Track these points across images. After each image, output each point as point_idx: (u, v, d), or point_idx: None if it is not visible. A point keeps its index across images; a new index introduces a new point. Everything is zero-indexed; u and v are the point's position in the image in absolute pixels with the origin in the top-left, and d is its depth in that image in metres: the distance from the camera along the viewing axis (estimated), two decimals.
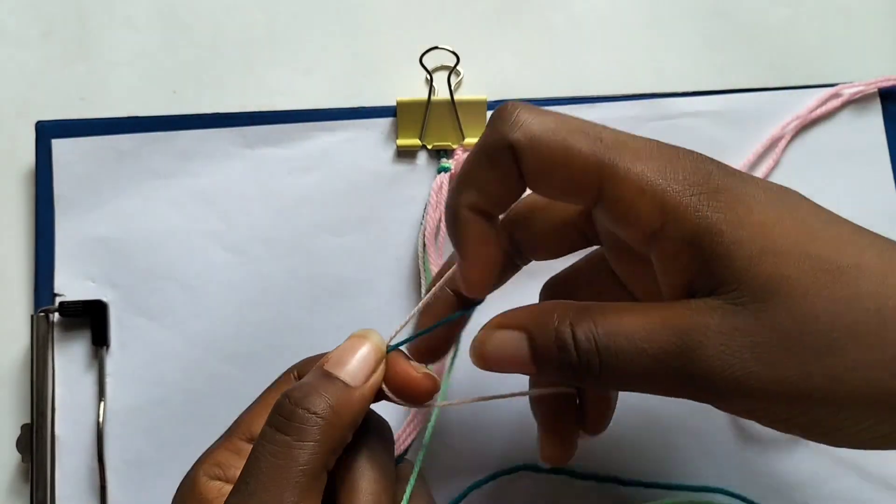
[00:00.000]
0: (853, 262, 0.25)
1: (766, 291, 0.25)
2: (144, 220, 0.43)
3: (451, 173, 0.42)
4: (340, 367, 0.29)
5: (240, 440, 0.31)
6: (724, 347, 0.25)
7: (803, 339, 0.24)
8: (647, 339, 0.25)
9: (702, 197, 0.26)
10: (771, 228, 0.25)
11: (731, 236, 0.25)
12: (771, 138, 0.43)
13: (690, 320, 0.25)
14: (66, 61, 0.45)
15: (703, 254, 0.25)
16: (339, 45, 0.46)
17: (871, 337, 0.24)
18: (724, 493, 0.40)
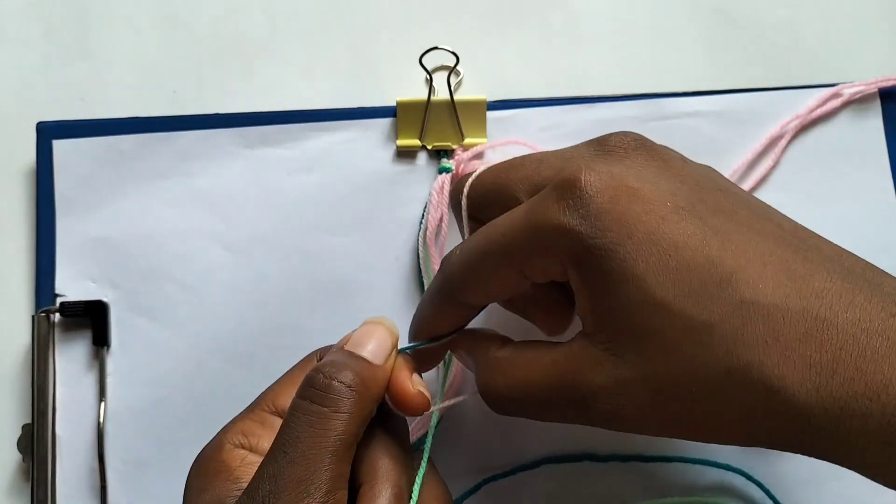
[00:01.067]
0: (708, 321, 0.26)
1: (638, 344, 0.27)
2: (145, 221, 0.43)
3: (453, 174, 0.42)
4: (362, 347, 0.31)
5: (264, 412, 0.32)
6: (609, 402, 0.28)
7: (669, 389, 0.27)
8: (552, 397, 0.30)
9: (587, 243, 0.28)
10: (643, 276, 0.27)
11: (608, 286, 0.28)
12: (770, 137, 0.43)
13: (580, 380, 0.29)
14: (66, 61, 0.45)
15: (593, 299, 0.29)
16: (339, 45, 0.46)
17: (722, 391, 0.27)
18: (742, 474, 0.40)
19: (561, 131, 0.43)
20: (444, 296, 0.33)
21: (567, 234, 0.28)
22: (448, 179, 0.42)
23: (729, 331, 0.26)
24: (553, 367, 0.30)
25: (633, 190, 0.28)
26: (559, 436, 0.41)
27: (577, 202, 0.28)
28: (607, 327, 0.28)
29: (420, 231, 0.42)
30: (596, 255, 0.28)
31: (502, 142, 0.43)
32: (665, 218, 0.28)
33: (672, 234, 0.28)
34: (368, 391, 0.30)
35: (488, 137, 0.43)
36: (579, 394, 0.29)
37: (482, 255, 0.31)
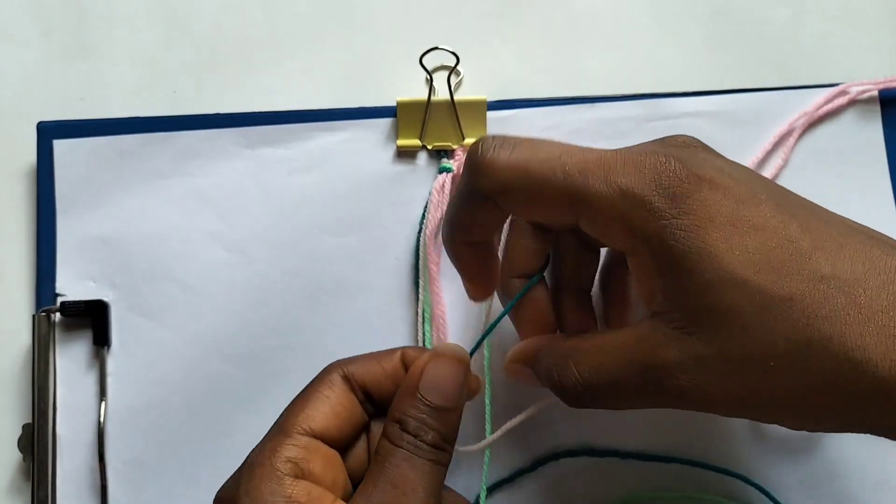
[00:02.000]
0: (788, 295, 0.27)
1: (714, 321, 0.28)
2: (145, 220, 0.43)
3: (454, 174, 0.42)
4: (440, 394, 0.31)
5: (301, 435, 0.31)
6: (683, 379, 0.28)
7: (746, 365, 0.27)
8: (621, 378, 0.30)
9: (664, 222, 0.28)
10: (723, 255, 0.27)
11: (687, 264, 0.28)
12: (779, 135, 0.43)
13: (653, 357, 0.29)
14: (66, 61, 0.46)
15: (665, 278, 0.29)
16: (339, 45, 0.46)
17: (801, 363, 0.27)
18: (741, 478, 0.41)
19: (561, 131, 0.43)
20: (482, 196, 0.31)
21: (652, 211, 0.28)
22: (448, 179, 0.42)
23: (809, 304, 0.27)
24: (624, 348, 0.30)
25: (713, 180, 0.29)
26: (559, 432, 0.41)
27: (665, 182, 0.28)
28: (681, 306, 0.28)
29: (422, 231, 0.42)
30: (677, 236, 0.28)
31: None
32: (744, 202, 0.28)
33: (751, 217, 0.28)
34: (452, 437, 0.31)
35: None
36: (654, 373, 0.29)
37: (545, 178, 0.30)
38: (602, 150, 0.30)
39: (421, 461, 0.30)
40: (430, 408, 0.30)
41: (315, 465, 0.30)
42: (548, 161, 0.30)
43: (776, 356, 0.27)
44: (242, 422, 0.41)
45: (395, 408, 0.31)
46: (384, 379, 0.33)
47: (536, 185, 0.30)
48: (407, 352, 0.34)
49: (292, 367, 0.42)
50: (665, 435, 0.41)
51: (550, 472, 0.41)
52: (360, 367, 0.33)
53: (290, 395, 0.41)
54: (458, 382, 0.31)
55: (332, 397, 0.32)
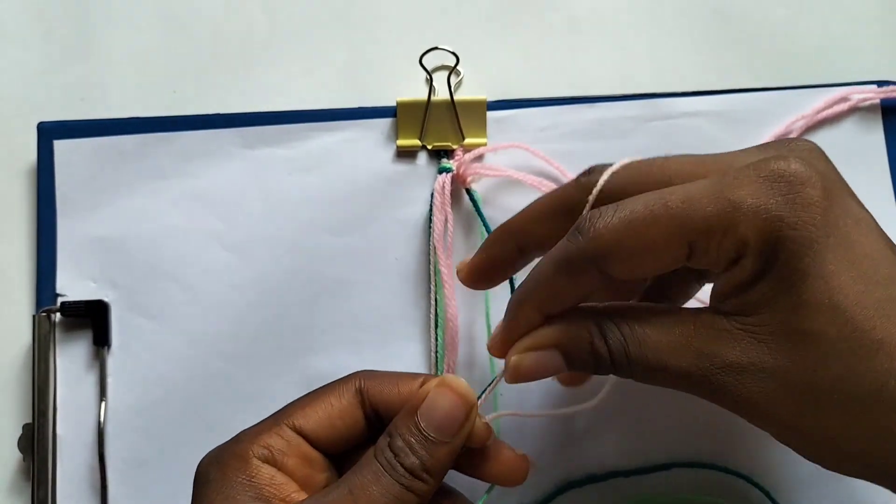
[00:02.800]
0: (878, 337, 0.26)
1: (795, 340, 0.27)
2: (145, 221, 0.43)
3: (453, 174, 0.42)
4: (437, 427, 0.30)
5: (289, 429, 0.31)
6: (738, 380, 0.27)
7: (808, 393, 0.27)
8: (671, 356, 0.28)
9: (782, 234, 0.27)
10: (830, 279, 0.26)
11: (794, 278, 0.27)
12: (775, 137, 0.43)
13: (711, 347, 0.28)
14: (66, 61, 0.46)
15: (763, 282, 0.27)
16: (339, 45, 0.46)
17: (866, 407, 0.26)
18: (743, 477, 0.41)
19: (561, 131, 0.43)
20: (580, 263, 0.29)
21: (767, 216, 0.27)
22: (448, 179, 0.42)
23: (893, 350, 0.26)
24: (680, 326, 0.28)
25: (835, 189, 0.27)
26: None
27: (787, 187, 0.27)
28: (761, 313, 0.27)
29: (430, 234, 0.42)
30: (790, 246, 0.27)
31: (504, 145, 0.43)
32: (860, 222, 0.27)
33: (866, 243, 0.27)
34: (441, 472, 0.30)
35: (488, 137, 0.43)
36: (708, 363, 0.28)
37: (653, 222, 0.28)
38: (711, 178, 0.28)
39: (389, 481, 0.29)
40: (422, 434, 0.30)
41: (290, 460, 0.31)
42: (648, 205, 0.28)
43: (843, 392, 0.26)
44: (242, 422, 0.41)
45: (393, 422, 0.31)
46: (397, 403, 0.32)
47: (642, 234, 0.28)
48: (429, 379, 0.32)
49: (292, 367, 0.42)
50: (665, 442, 0.41)
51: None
52: (378, 384, 0.33)
53: (290, 394, 0.41)
54: (455, 418, 0.30)
55: (336, 406, 0.32)
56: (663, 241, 0.28)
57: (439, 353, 0.41)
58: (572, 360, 0.30)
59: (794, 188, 0.27)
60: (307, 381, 0.42)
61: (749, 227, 0.27)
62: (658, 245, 0.28)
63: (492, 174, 0.42)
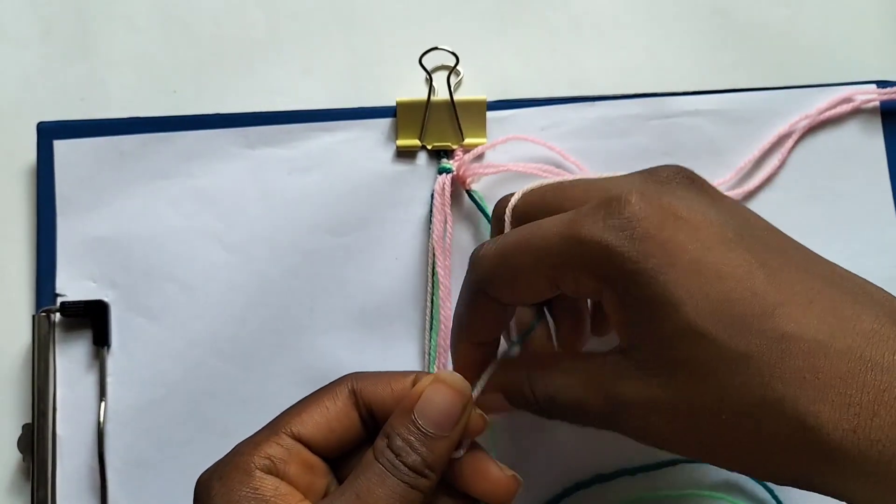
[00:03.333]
0: (745, 351, 0.26)
1: (671, 369, 0.28)
2: (145, 221, 0.43)
3: (453, 174, 0.42)
4: (433, 422, 0.31)
5: (288, 437, 0.31)
6: (639, 416, 0.29)
7: (699, 415, 0.27)
8: (585, 401, 0.30)
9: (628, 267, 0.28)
10: (683, 303, 0.27)
11: (648, 311, 0.28)
12: (778, 136, 0.43)
13: (615, 388, 0.29)
14: (66, 61, 0.46)
15: (628, 321, 0.29)
16: (339, 45, 0.46)
17: (753, 420, 0.27)
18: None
19: (561, 130, 0.43)
20: (475, 291, 0.33)
21: (608, 253, 0.28)
22: (448, 180, 0.42)
23: (766, 363, 0.26)
24: (588, 373, 0.30)
25: (681, 218, 0.28)
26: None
27: (624, 223, 0.28)
28: (641, 348, 0.28)
29: (430, 235, 0.42)
30: (636, 280, 0.28)
31: (502, 140, 0.43)
32: (711, 248, 0.28)
33: (717, 263, 0.27)
34: (442, 466, 0.31)
35: (488, 137, 0.43)
36: (614, 404, 0.29)
37: (515, 253, 0.31)
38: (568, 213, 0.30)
39: (394, 481, 0.29)
40: (420, 431, 0.30)
41: (291, 468, 0.31)
42: (518, 239, 0.31)
43: (728, 411, 0.27)
44: (242, 421, 0.41)
45: (388, 423, 0.31)
46: (390, 402, 0.32)
47: (510, 265, 0.31)
48: (420, 377, 0.33)
49: (292, 367, 0.42)
50: None
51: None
52: (370, 385, 0.33)
53: (290, 394, 0.41)
54: (451, 413, 0.31)
55: (332, 409, 0.32)
56: (528, 271, 0.30)
57: (432, 355, 0.41)
58: (513, 402, 0.33)
59: (631, 223, 0.28)
60: (306, 382, 0.41)
61: (595, 263, 0.29)
62: (525, 274, 0.31)
63: (492, 171, 0.42)
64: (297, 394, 0.41)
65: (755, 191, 0.43)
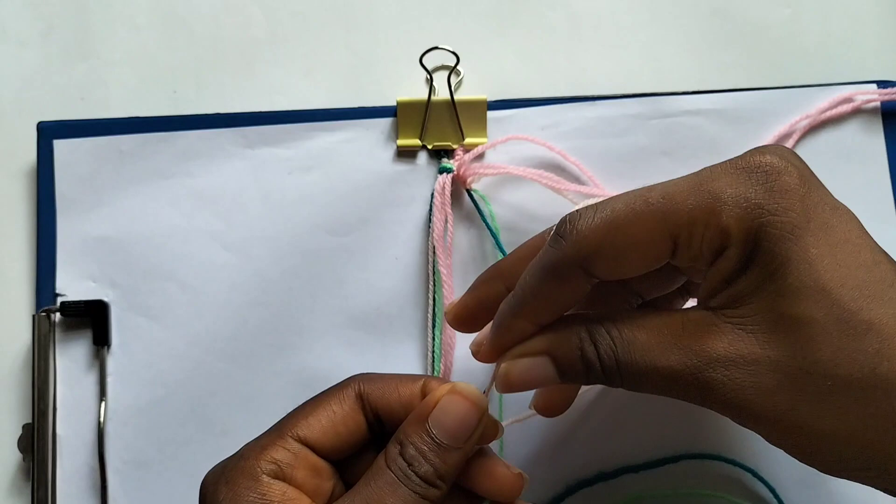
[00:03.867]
0: (866, 318, 0.26)
1: (783, 326, 0.26)
2: (145, 220, 0.43)
3: (454, 174, 0.42)
4: (447, 432, 0.30)
5: (294, 441, 0.31)
6: (727, 375, 0.27)
7: (801, 377, 0.26)
8: (660, 357, 0.28)
9: (763, 219, 0.27)
10: (815, 263, 0.26)
11: (777, 266, 0.27)
12: (779, 135, 0.43)
13: (699, 343, 0.27)
14: (66, 61, 0.46)
15: (745, 274, 0.27)
16: (339, 45, 0.46)
17: (859, 391, 0.26)
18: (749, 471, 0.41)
19: (561, 129, 0.43)
20: (566, 267, 0.29)
21: (749, 207, 0.27)
22: (449, 179, 0.42)
23: (886, 335, 0.26)
24: (668, 328, 0.28)
25: (811, 178, 0.28)
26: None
27: (765, 176, 0.27)
28: (747, 303, 0.27)
29: (430, 235, 0.42)
30: (772, 231, 0.27)
31: (502, 140, 0.43)
32: (838, 211, 0.28)
33: (846, 229, 0.27)
34: (454, 477, 0.30)
35: (488, 137, 0.43)
36: (696, 359, 0.27)
37: (635, 219, 0.28)
38: (689, 175, 0.29)
39: (405, 490, 0.29)
40: (434, 442, 0.30)
41: (299, 472, 0.30)
42: (628, 203, 0.28)
43: (836, 377, 0.26)
44: (242, 421, 0.41)
45: (401, 430, 0.31)
46: (398, 406, 0.32)
47: (625, 231, 0.28)
48: (429, 383, 0.32)
49: (292, 367, 0.42)
50: (673, 436, 0.41)
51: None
52: (378, 388, 0.32)
53: (290, 394, 0.42)
54: (468, 424, 0.30)
55: (339, 413, 0.32)
56: (646, 236, 0.28)
57: (436, 353, 0.41)
58: (562, 367, 0.30)
59: (771, 177, 0.27)
60: (306, 381, 0.42)
61: (730, 215, 0.27)
62: (641, 241, 0.28)
63: (492, 172, 0.42)
64: (297, 393, 0.41)
65: None
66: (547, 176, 0.42)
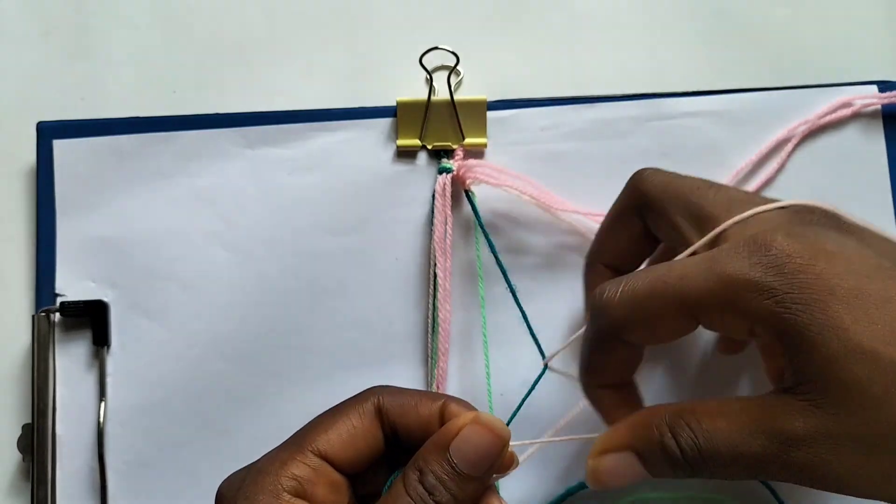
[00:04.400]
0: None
1: (843, 394, 0.26)
2: (145, 221, 0.43)
3: (453, 174, 0.42)
4: (468, 462, 0.30)
5: (315, 456, 0.30)
6: (810, 453, 0.27)
7: (879, 444, 0.26)
8: (743, 444, 0.28)
9: (777, 298, 0.27)
10: (849, 327, 0.26)
11: (811, 336, 0.27)
12: (777, 140, 0.43)
13: (780, 425, 0.28)
14: (66, 61, 0.45)
15: (789, 351, 0.28)
16: (339, 45, 0.46)
17: None
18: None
19: (561, 131, 0.43)
20: (607, 336, 0.31)
21: (762, 291, 0.27)
22: (448, 180, 0.42)
23: None
24: (747, 413, 0.28)
25: (832, 252, 0.28)
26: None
27: (773, 260, 0.28)
28: (808, 379, 0.27)
29: (431, 237, 0.42)
30: (794, 310, 0.27)
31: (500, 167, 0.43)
32: (870, 276, 0.27)
33: (879, 290, 0.27)
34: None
35: (488, 137, 0.43)
36: (779, 443, 0.27)
37: (653, 297, 0.30)
38: (704, 254, 0.30)
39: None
40: (455, 471, 0.29)
41: (319, 489, 0.30)
42: (650, 281, 0.30)
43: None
44: (242, 422, 0.41)
45: (420, 456, 0.30)
46: (416, 427, 0.31)
47: (645, 309, 0.30)
48: (449, 405, 0.32)
49: (292, 367, 0.42)
50: None
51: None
52: (398, 404, 0.32)
53: (290, 394, 0.42)
54: (490, 456, 0.30)
55: (359, 427, 0.31)
56: (667, 314, 0.30)
57: (433, 358, 0.41)
58: (648, 461, 0.30)
59: (781, 260, 0.28)
60: (306, 381, 0.42)
61: (747, 301, 0.28)
62: (663, 317, 0.30)
63: (493, 182, 0.42)
64: (297, 393, 0.42)
65: (756, 192, 0.43)
66: (545, 192, 0.42)
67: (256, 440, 0.41)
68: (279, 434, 0.32)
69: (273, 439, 0.31)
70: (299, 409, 0.40)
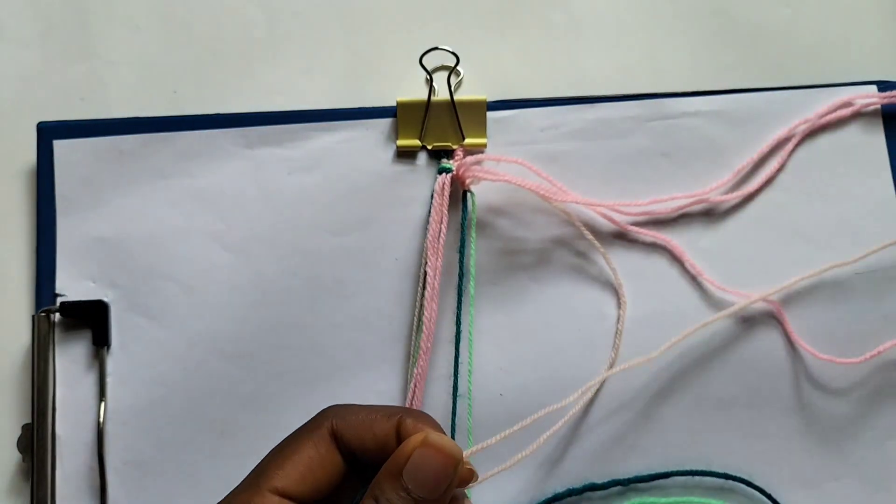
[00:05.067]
0: None
1: None
2: (145, 221, 0.43)
3: (453, 174, 0.42)
4: (421, 485, 0.29)
5: (272, 494, 0.30)
6: None
7: None
8: None
9: None
10: None
11: None
12: (777, 139, 0.43)
13: None
14: (66, 61, 0.46)
15: None
16: (339, 45, 0.46)
17: None
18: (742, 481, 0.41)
19: (561, 131, 0.43)
20: None
21: None
22: (448, 180, 0.42)
23: None
24: None
25: None
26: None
27: None
28: None
29: (427, 235, 0.42)
30: None
31: (503, 158, 0.43)
32: None
33: None
34: None
35: (488, 137, 0.43)
36: None
37: None
38: None
39: None
40: (411, 497, 0.29)
41: None
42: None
43: None
44: (242, 422, 0.42)
45: (375, 484, 0.30)
46: (373, 447, 0.31)
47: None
48: (405, 421, 0.31)
49: (292, 367, 0.42)
50: (664, 449, 0.41)
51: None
52: (352, 427, 0.31)
53: (290, 394, 0.42)
54: (444, 478, 0.29)
55: (315, 457, 0.31)
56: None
57: (414, 357, 0.41)
58: None
59: None
60: (306, 382, 0.42)
61: None
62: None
63: (492, 178, 0.42)
64: (296, 393, 0.41)
65: (755, 192, 0.43)
66: (545, 188, 0.42)
67: (256, 440, 0.41)
68: (279, 434, 0.32)
69: (273, 439, 0.31)
70: (299, 409, 0.41)
